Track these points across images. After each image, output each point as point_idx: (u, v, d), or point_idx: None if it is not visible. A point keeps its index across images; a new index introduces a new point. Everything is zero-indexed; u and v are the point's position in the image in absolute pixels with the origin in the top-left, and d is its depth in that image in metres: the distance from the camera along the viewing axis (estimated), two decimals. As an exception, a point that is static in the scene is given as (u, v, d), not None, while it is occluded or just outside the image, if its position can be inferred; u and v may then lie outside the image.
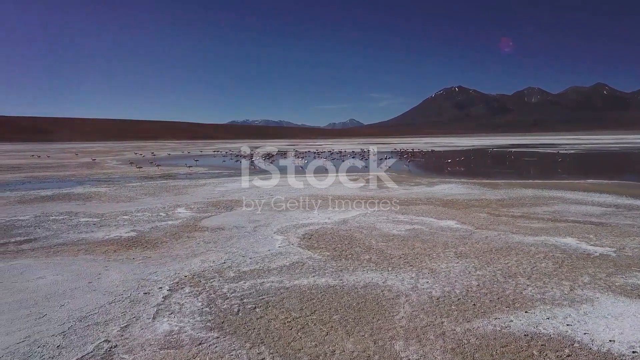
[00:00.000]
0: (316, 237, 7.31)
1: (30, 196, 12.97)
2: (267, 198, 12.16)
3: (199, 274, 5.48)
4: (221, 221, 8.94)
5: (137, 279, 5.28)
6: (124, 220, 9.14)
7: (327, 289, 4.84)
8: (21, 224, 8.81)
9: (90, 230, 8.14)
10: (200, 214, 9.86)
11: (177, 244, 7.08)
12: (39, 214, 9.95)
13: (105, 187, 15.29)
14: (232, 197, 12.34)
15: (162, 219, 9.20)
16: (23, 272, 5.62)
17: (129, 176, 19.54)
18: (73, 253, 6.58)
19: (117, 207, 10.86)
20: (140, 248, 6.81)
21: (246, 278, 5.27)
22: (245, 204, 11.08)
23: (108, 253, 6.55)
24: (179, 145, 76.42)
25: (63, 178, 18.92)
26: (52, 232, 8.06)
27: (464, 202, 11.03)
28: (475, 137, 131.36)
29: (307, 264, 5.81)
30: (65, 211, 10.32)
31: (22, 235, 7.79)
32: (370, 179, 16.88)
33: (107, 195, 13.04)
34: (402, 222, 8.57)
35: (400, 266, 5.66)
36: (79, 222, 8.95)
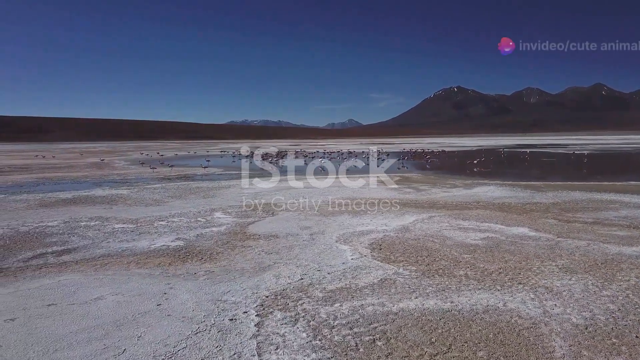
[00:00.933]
0: (387, 248, 6.58)
1: (50, 199, 12.22)
2: (303, 200, 11.45)
3: (281, 293, 4.74)
4: (270, 227, 8.20)
5: (211, 300, 4.54)
6: (162, 226, 8.39)
7: (444, 315, 4.10)
8: (52, 231, 8.06)
9: (131, 239, 7.38)
10: (242, 219, 9.12)
11: (235, 255, 6.33)
12: (67, 219, 9.20)
13: (125, 189, 14.54)
14: (266, 200, 11.62)
15: (204, 225, 8.46)
16: (76, 291, 4.87)
17: (145, 177, 18.77)
18: (123, 266, 5.83)
19: (148, 211, 10.11)
20: (196, 260, 6.06)
21: (338, 299, 4.53)
22: (285, 208, 10.35)
23: (163, 266, 5.80)
24: (181, 146, 75.55)
25: (77, 179, 18.15)
26: (89, 240, 7.30)
27: (518, 206, 10.30)
28: (477, 138, 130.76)
29: (398, 281, 5.07)
30: (94, 216, 9.57)
31: (58, 244, 7.03)
32: (399, 180, 16.17)
33: (132, 198, 12.28)
34: (469, 229, 7.83)
35: (507, 284, 4.93)
36: (114, 229, 8.19)
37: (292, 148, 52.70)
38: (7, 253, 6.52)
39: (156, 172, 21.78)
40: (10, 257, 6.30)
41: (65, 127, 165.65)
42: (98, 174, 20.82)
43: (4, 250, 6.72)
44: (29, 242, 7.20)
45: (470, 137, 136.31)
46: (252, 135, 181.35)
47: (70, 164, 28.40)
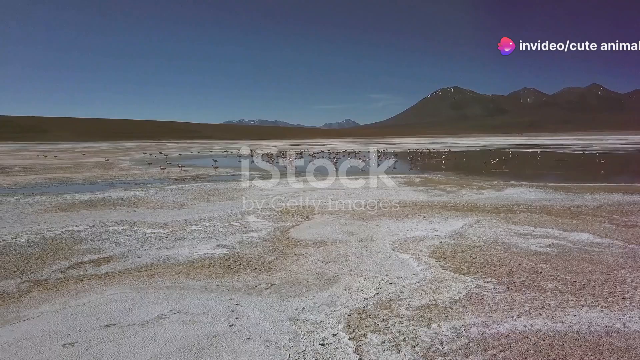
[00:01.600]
0: (452, 256, 6.08)
1: (67, 201, 11.67)
2: (332, 203, 10.98)
3: (363, 310, 4.24)
4: (313, 233, 7.70)
5: (289, 320, 4.03)
6: (196, 231, 7.87)
7: (564, 338, 3.62)
8: (80, 237, 7.52)
9: (169, 245, 6.86)
10: (278, 223, 8.62)
11: (290, 264, 5.82)
12: (92, 224, 8.67)
13: (140, 190, 14.00)
14: (295, 202, 11.14)
15: (240, 230, 7.95)
16: (131, 308, 4.35)
17: (157, 178, 18.22)
18: (173, 278, 5.31)
19: (174, 215, 9.59)
20: (250, 270, 5.55)
21: (432, 318, 4.03)
22: (318, 211, 9.85)
23: (217, 278, 5.29)
24: (182, 146, 74.90)
25: (87, 180, 17.58)
26: (124, 247, 6.78)
27: (562, 209, 9.85)
28: (477, 138, 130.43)
29: (486, 295, 4.57)
30: (120, 220, 9.04)
31: (93, 252, 6.50)
32: (422, 182, 15.71)
33: (152, 200, 11.75)
34: (527, 235, 7.35)
35: (610, 299, 4.46)
36: (146, 235, 7.67)
37: (294, 148, 52.13)
38: (41, 262, 5.99)
39: (166, 172, 21.24)
40: (45, 267, 5.77)
41: (63, 126, 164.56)
42: (107, 174, 20.25)
43: (36, 259, 6.19)
44: (61, 250, 6.67)
45: (470, 138, 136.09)
46: (251, 135, 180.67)
47: (75, 164, 27.80)
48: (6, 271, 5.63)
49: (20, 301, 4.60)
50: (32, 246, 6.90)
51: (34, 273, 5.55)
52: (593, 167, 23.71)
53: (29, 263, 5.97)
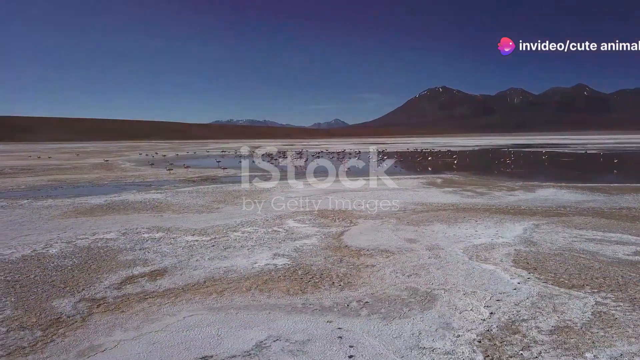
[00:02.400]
0: (539, 266, 5.63)
1: (83, 205, 10.97)
2: (367, 206, 10.50)
3: (492, 335, 3.73)
4: (368, 240, 7.17)
5: (413, 348, 3.50)
6: (242, 239, 7.27)
7: None
8: (117, 245, 6.87)
9: (221, 255, 6.24)
10: (324, 228, 8.05)
11: (368, 277, 5.28)
12: (122, 230, 8.02)
13: (156, 192, 13.33)
14: (327, 205, 10.63)
15: (288, 237, 7.37)
16: (221, 335, 3.77)
17: (167, 179, 17.52)
18: (246, 295, 4.74)
19: (206, 220, 8.98)
20: (328, 284, 5.00)
21: (579, 345, 3.53)
22: (358, 215, 9.30)
23: (296, 294, 4.71)
24: (174, 146, 73.73)
25: (94, 182, 16.82)
26: (172, 257, 6.17)
27: (615, 212, 9.45)
28: (468, 137, 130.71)
29: (618, 316, 4.05)
30: (151, 226, 8.41)
31: (140, 264, 5.87)
32: (445, 183, 15.25)
33: (173, 203, 11.10)
34: (602, 241, 6.89)
35: None
36: (188, 243, 7.04)
37: (292, 148, 51.40)
38: (88, 277, 5.35)
39: (173, 173, 20.51)
40: (95, 283, 5.13)
41: (50, 126, 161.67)
42: (111, 175, 19.47)
43: (80, 272, 5.55)
44: (103, 262, 6.02)
45: (460, 137, 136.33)
46: (241, 135, 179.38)
47: (73, 165, 26.91)
48: (53, 287, 4.98)
49: (85, 326, 3.97)
50: (68, 257, 6.24)
51: (86, 290, 4.91)
52: (604, 166, 23.43)
53: (75, 277, 5.33)
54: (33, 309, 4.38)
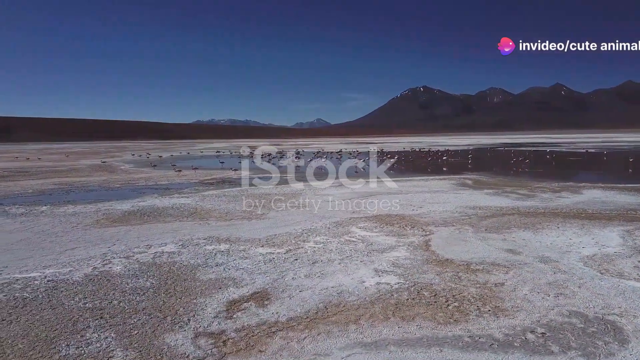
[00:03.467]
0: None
1: (112, 212, 10.14)
2: (421, 210, 9.88)
3: None
4: (464, 251, 6.54)
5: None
6: (321, 251, 6.56)
7: None
8: (187, 261, 6.11)
9: (317, 273, 5.53)
10: (399, 237, 7.38)
11: (510, 299, 4.65)
12: (178, 241, 7.25)
13: (181, 197, 12.52)
14: (380, 209, 9.96)
15: (372, 248, 6.70)
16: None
17: (181, 182, 16.63)
18: (390, 324, 4.07)
19: (263, 227, 8.30)
20: (477, 312, 4.33)
21: None
22: (423, 222, 8.63)
23: (447, 323, 4.06)
24: (160, 146, 72.18)
25: (105, 186, 15.83)
26: (261, 275, 5.48)
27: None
28: (452, 137, 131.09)
29: None
30: (207, 236, 7.67)
31: (232, 285, 5.16)
32: (476, 184, 14.70)
33: (210, 209, 10.33)
34: None
35: None
36: (264, 256, 6.33)
37: (285, 148, 50.40)
38: (184, 303, 4.58)
39: (183, 175, 19.56)
40: (198, 311, 4.36)
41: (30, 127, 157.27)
42: (118, 178, 18.45)
43: (167, 295, 4.77)
44: (185, 282, 5.27)
45: (447, 137, 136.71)
46: (226, 135, 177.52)
47: (69, 167, 25.69)
48: (151, 317, 4.17)
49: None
50: (140, 276, 5.42)
51: (193, 320, 4.12)
52: (620, 165, 23.19)
53: (168, 304, 4.52)
54: (148, 350, 3.58)
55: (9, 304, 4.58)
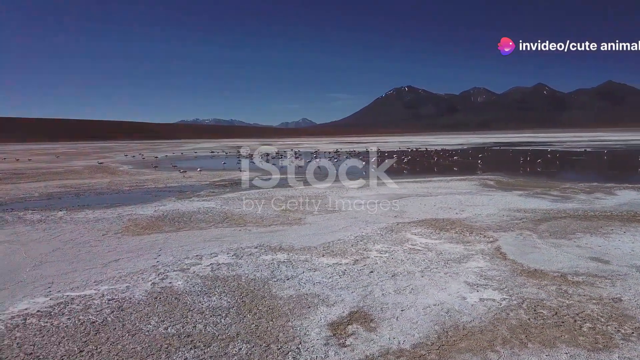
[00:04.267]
0: None
1: (137, 218, 9.56)
2: (463, 214, 9.42)
3: None
4: (545, 260, 6.15)
5: None
6: (391, 261, 6.04)
7: None
8: (252, 275, 5.60)
9: (406, 288, 5.05)
10: (466, 244, 6.93)
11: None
12: (229, 251, 6.70)
13: (201, 200, 11.94)
14: (423, 214, 9.53)
15: (446, 258, 6.25)
16: None
17: (191, 184, 15.98)
18: (541, 355, 3.48)
19: (310, 234, 7.84)
20: (628, 337, 3.73)
21: None
22: (477, 227, 8.21)
23: (598, 351, 3.55)
24: (148, 146, 70.93)
25: (112, 189, 15.14)
26: (348, 292, 4.98)
27: None
28: (442, 136, 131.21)
29: None
30: (256, 244, 7.16)
31: (320, 304, 4.65)
32: (501, 185, 14.33)
33: (240, 213, 9.81)
34: None
35: None
36: (335, 268, 5.81)
37: (278, 148, 49.64)
38: (280, 326, 4.07)
39: (189, 177, 18.89)
40: (302, 337, 3.85)
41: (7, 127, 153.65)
42: (122, 180, 17.71)
43: (254, 317, 4.27)
44: (265, 300, 4.74)
45: (435, 136, 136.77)
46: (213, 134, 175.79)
47: (64, 168, 24.81)
48: (250, 345, 3.67)
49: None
50: (209, 293, 4.90)
51: (306, 350, 3.65)
52: (628, 164, 23.07)
53: (262, 328, 4.02)
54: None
55: (78, 330, 3.98)
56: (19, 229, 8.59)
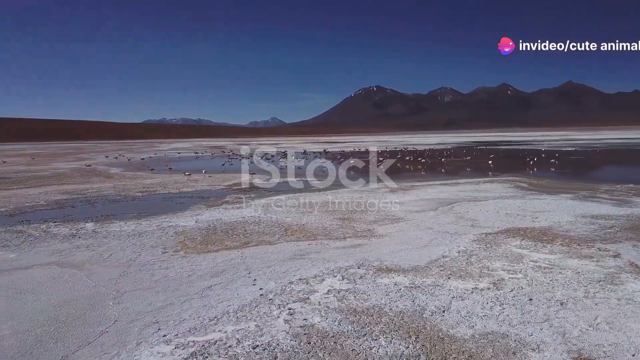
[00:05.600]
0: None
1: (186, 232, 8.60)
2: (545, 223, 8.73)
3: None
4: None
5: None
6: (538, 285, 5.33)
7: None
8: (396, 307, 4.74)
9: (605, 322, 4.24)
10: (597, 262, 6.12)
11: None
12: (329, 272, 5.78)
13: (234, 208, 11.12)
14: (492, 221, 8.79)
15: (596, 278, 5.51)
16: None
17: (206, 189, 15.02)
18: None
19: (396, 249, 7.07)
20: None
21: None
22: (584, 239, 7.47)
23: None
24: (123, 147, 68.63)
25: (123, 194, 14.04)
26: (538, 329, 4.17)
27: None
28: (418, 135, 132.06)
29: None
30: (354, 263, 6.22)
31: (524, 347, 3.73)
32: (536, 187, 13.84)
33: (302, 225, 9.00)
34: None
35: None
36: (480, 293, 5.03)
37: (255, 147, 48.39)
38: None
39: (193, 179, 17.78)
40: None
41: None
42: (126, 185, 16.48)
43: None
44: (449, 343, 3.89)
45: (409, 135, 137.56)
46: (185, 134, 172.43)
47: (49, 171, 23.23)
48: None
49: None
50: (370, 336, 4.05)
51: None
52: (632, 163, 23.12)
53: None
54: None
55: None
56: (56, 246, 7.44)
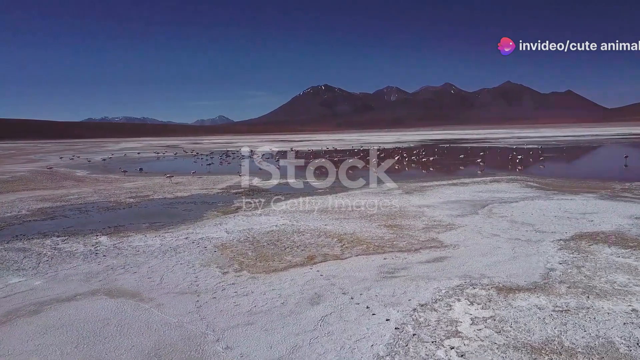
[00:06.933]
0: None
1: (228, 245, 7.47)
2: (601, 227, 8.33)
3: None
4: None
5: None
6: None
7: None
8: (571, 343, 3.87)
9: None
10: None
11: None
12: (456, 293, 4.91)
13: (253, 215, 10.09)
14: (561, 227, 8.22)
15: None
16: None
17: (203, 192, 13.89)
18: None
19: (487, 263, 6.36)
20: None
21: None
22: (658, 241, 7.00)
23: None
24: (69, 147, 65.03)
25: (110, 200, 12.72)
26: None
27: None
28: (370, 134, 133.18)
29: None
30: (463, 282, 5.38)
31: None
32: (543, 187, 13.64)
33: (355, 235, 8.12)
34: None
35: None
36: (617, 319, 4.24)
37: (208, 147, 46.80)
38: None
39: (178, 182, 16.49)
40: None
41: None
42: (108, 190, 15.06)
43: None
44: None
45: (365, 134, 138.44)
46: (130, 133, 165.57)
47: (9, 175, 21.11)
48: None
49: None
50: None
51: None
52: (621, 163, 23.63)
53: None
54: None
55: None
56: (83, 267, 6.27)
